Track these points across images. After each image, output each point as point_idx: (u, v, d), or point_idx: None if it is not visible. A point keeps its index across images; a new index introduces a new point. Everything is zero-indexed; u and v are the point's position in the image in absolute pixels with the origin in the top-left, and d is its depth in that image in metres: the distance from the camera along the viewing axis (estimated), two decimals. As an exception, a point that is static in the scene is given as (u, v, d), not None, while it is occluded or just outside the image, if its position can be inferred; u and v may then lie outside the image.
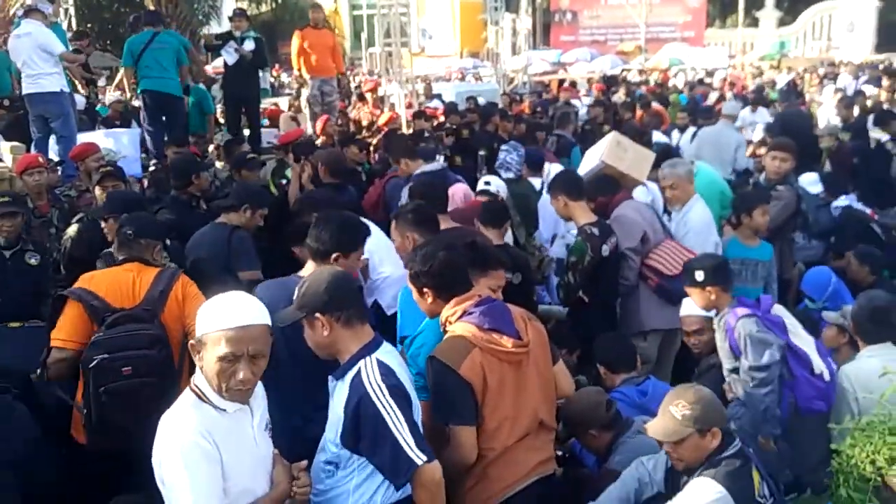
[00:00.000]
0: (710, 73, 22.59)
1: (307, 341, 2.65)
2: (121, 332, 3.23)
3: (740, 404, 3.71)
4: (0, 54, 10.16)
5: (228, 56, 8.77)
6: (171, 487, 2.23)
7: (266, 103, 12.36)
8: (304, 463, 2.57)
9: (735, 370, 3.78)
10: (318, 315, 2.58)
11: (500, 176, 6.30)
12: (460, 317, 2.88)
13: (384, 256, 4.42)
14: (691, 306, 4.22)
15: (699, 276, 3.85)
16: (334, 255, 3.13)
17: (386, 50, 12.84)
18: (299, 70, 9.88)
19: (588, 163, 5.66)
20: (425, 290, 2.97)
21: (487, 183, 5.63)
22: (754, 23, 38.85)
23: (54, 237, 5.56)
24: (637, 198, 5.38)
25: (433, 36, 34.43)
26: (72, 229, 5.08)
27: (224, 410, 2.32)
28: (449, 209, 4.49)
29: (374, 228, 4.30)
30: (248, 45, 8.79)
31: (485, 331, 2.83)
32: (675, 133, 10.35)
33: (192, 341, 2.32)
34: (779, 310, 3.88)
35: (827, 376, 3.68)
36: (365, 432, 2.49)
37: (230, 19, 9.32)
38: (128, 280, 3.48)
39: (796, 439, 3.76)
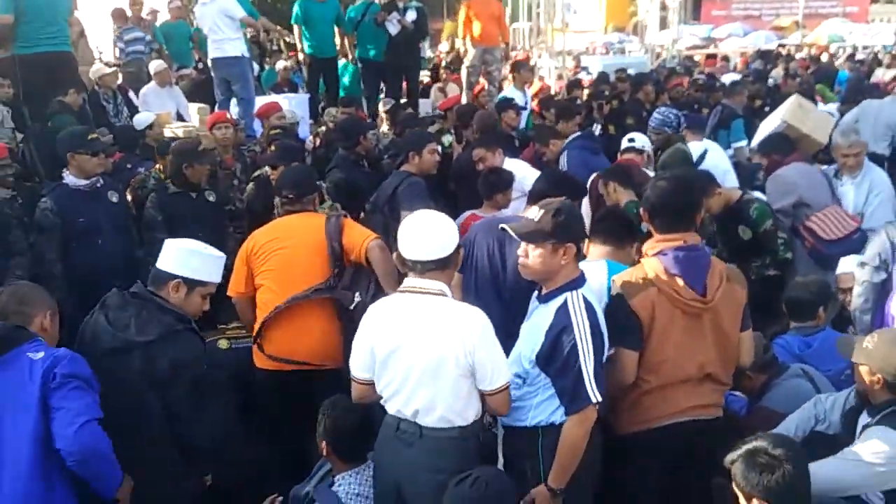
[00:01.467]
0: (875, 54, 21.12)
1: (533, 264, 2.83)
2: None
3: None
4: (180, 24, 11.05)
5: (392, 27, 9.00)
6: (493, 367, 2.72)
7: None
8: None
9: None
10: (569, 244, 2.78)
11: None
12: (656, 254, 3.01)
13: None
14: (848, 264, 4.33)
15: None
16: None
17: (533, 24, 12.92)
18: (464, 39, 10.08)
19: (769, 124, 5.66)
20: (642, 210, 3.19)
21: (632, 140, 5.69)
22: (929, -3, 35.77)
23: (237, 188, 6.12)
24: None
25: (577, 11, 33.88)
26: (250, 186, 5.61)
27: None
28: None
29: None
30: (411, 16, 9.06)
31: (669, 275, 2.94)
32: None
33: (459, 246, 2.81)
34: None
35: None
36: (558, 357, 2.74)
37: None
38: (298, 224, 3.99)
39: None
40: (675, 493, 3.10)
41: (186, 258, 3.11)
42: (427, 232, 2.77)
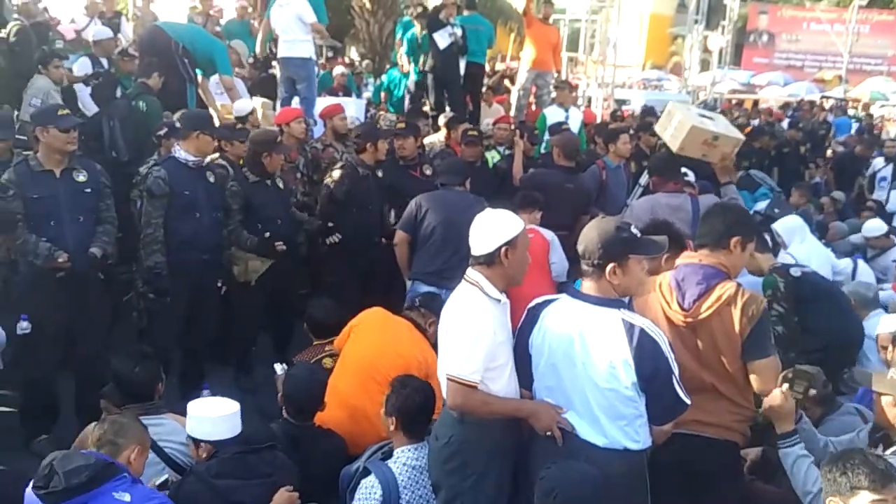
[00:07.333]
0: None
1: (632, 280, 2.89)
2: None
3: None
4: (244, 23, 11.44)
5: (442, 39, 9.05)
6: (449, 340, 2.95)
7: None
8: None
9: None
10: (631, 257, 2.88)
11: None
12: (675, 266, 3.28)
13: None
14: (888, 323, 4.31)
15: None
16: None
17: (584, 55, 13.18)
18: (513, 60, 10.33)
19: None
20: None
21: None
22: (973, 63, 35.79)
23: (299, 181, 6.53)
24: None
25: (617, 45, 34.18)
26: (336, 174, 5.83)
27: (498, 301, 2.95)
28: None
29: None
30: (458, 33, 9.11)
31: (668, 285, 3.17)
32: (880, 160, 10.28)
33: (504, 246, 2.90)
34: None
35: None
36: (654, 375, 2.78)
37: (443, 5, 9.36)
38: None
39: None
40: None
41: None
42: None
